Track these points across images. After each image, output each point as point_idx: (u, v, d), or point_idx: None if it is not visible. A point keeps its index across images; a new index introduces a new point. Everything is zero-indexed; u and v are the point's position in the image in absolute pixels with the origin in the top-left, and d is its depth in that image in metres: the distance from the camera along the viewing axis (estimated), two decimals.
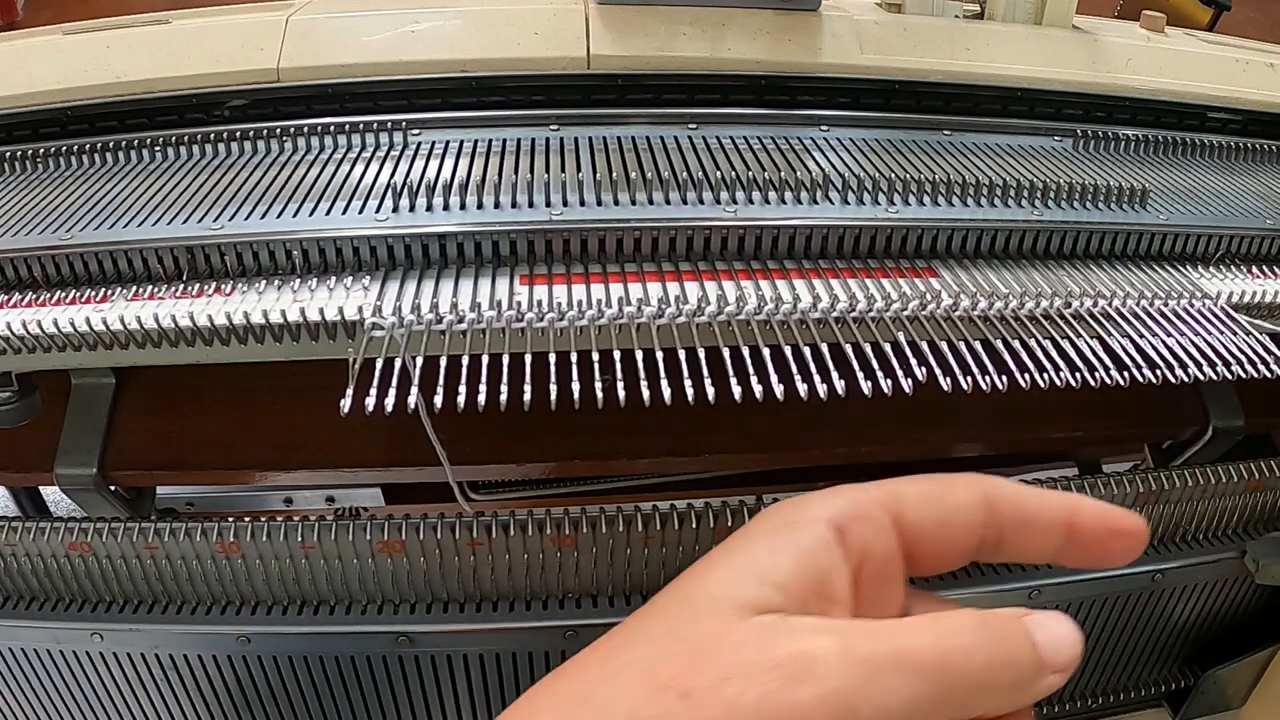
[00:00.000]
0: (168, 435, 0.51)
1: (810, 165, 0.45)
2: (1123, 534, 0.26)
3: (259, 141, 0.46)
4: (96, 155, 0.46)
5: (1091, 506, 0.26)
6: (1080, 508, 0.26)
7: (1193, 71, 0.56)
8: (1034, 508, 0.25)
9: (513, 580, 0.43)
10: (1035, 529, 0.25)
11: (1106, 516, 0.26)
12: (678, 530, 0.42)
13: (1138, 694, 0.57)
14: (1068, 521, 0.25)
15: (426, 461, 0.47)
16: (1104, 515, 0.26)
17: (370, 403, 0.32)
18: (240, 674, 0.44)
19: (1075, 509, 0.26)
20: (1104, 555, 0.26)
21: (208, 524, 0.41)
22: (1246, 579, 0.51)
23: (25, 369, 0.44)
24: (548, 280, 0.38)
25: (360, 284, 0.38)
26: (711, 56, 0.50)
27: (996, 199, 0.44)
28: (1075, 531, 0.25)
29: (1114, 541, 0.26)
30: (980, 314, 0.39)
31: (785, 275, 0.40)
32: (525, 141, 0.46)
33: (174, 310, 0.36)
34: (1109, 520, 0.26)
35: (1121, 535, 0.26)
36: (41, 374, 0.46)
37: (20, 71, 0.48)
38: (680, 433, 0.53)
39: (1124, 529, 0.26)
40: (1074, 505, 0.26)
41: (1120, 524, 0.26)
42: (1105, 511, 0.26)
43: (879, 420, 0.55)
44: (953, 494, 0.25)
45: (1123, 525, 0.26)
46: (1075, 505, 0.26)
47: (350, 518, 0.41)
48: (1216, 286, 0.43)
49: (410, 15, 0.49)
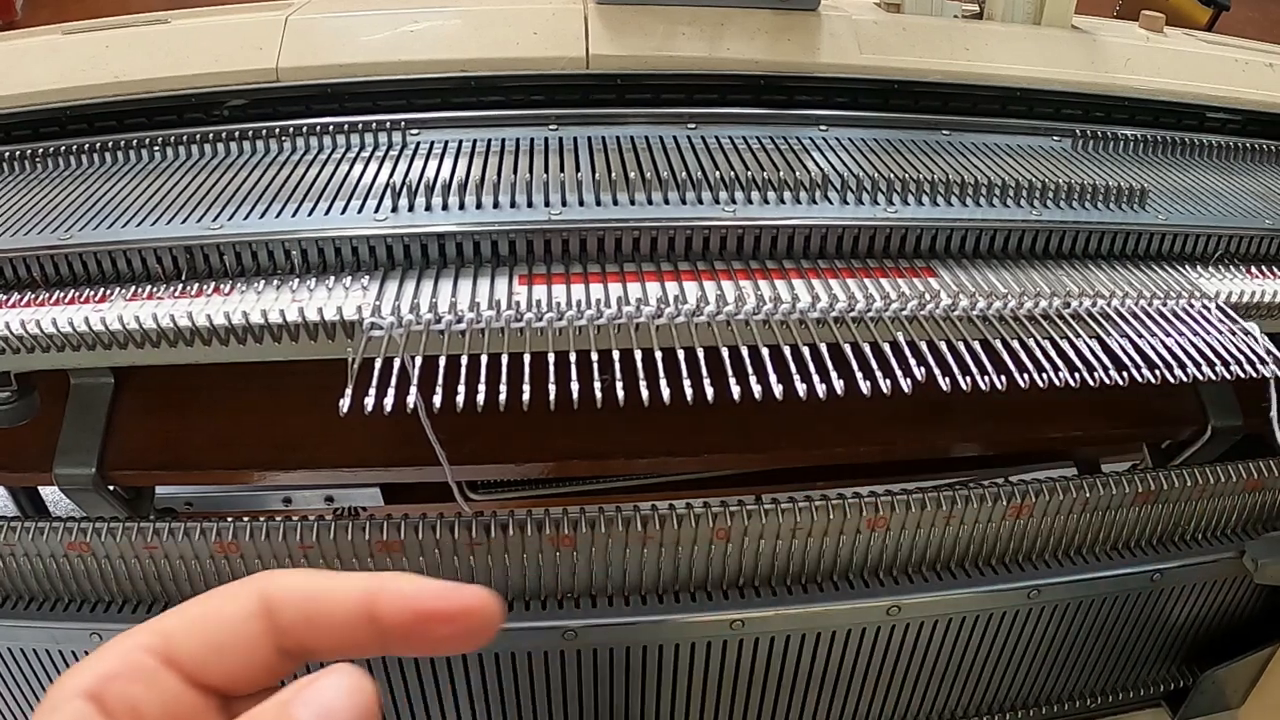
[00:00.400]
0: (167, 435, 0.51)
1: (809, 165, 0.45)
2: (441, 617, 0.21)
3: (258, 141, 0.46)
4: (95, 155, 0.46)
5: (395, 590, 0.21)
6: (380, 593, 0.21)
7: (1191, 71, 0.56)
8: (325, 602, 0.21)
9: (512, 580, 0.43)
10: (333, 626, 0.21)
11: (415, 600, 0.21)
12: (677, 530, 0.42)
13: (1136, 694, 0.57)
14: (367, 612, 0.21)
15: (425, 461, 0.47)
16: (411, 599, 0.21)
17: (369, 402, 0.32)
18: None
19: (374, 596, 0.21)
20: (435, 642, 0.21)
21: (207, 524, 0.41)
22: (1245, 579, 0.51)
23: (24, 369, 0.44)
24: (547, 280, 0.38)
25: (359, 284, 0.38)
26: (710, 56, 0.50)
27: (995, 199, 0.44)
28: (380, 623, 0.21)
29: (432, 627, 0.21)
30: (979, 314, 0.39)
31: (784, 275, 0.40)
32: (524, 141, 0.46)
33: (173, 310, 0.36)
34: (419, 604, 0.21)
35: (440, 619, 0.21)
36: (40, 374, 0.46)
37: (19, 71, 0.47)
38: (680, 433, 0.53)
39: (439, 612, 0.21)
40: (373, 591, 0.21)
41: (434, 607, 0.21)
42: (416, 593, 0.21)
43: (878, 420, 0.55)
44: (221, 612, 0.21)
45: (438, 608, 0.21)
46: (375, 591, 0.21)
47: (349, 517, 0.41)
48: (1215, 286, 0.43)
49: (409, 15, 0.49)
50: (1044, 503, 0.45)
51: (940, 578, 0.46)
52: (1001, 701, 0.54)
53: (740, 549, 0.43)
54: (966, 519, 0.45)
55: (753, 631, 0.44)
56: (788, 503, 0.43)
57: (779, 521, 0.43)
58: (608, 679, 0.46)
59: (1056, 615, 0.49)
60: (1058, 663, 0.53)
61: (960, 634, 0.48)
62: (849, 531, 0.44)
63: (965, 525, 0.45)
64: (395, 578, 0.21)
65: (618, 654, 0.45)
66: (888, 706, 0.52)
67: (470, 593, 0.21)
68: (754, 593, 0.44)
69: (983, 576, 0.46)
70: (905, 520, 0.44)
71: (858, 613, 0.45)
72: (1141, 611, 0.51)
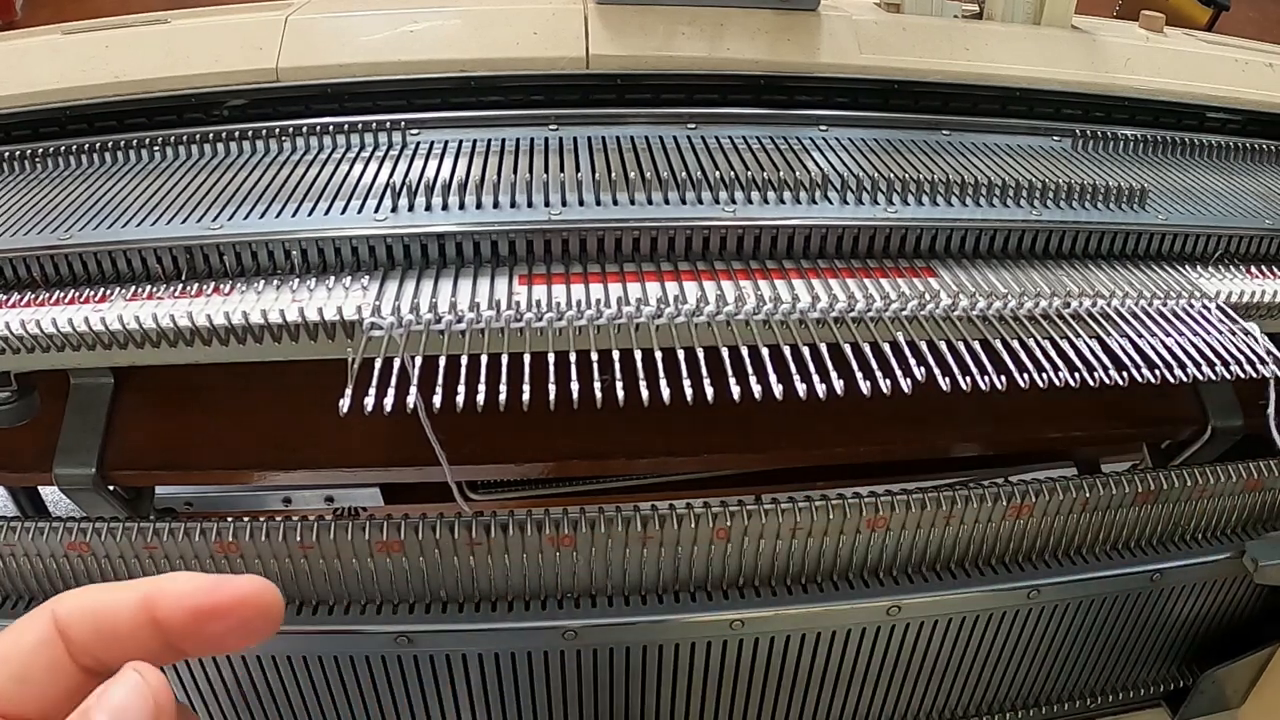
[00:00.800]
0: (167, 435, 0.51)
1: (809, 165, 0.45)
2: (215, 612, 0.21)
3: (258, 141, 0.46)
4: (95, 155, 0.46)
5: (169, 591, 0.21)
6: (156, 596, 0.21)
7: (1191, 71, 0.56)
8: (108, 613, 0.21)
9: (512, 580, 0.43)
10: (120, 636, 0.21)
11: (188, 598, 0.21)
12: (677, 530, 0.42)
13: (1136, 694, 0.57)
14: (149, 618, 0.21)
15: (425, 461, 0.47)
16: (184, 597, 0.21)
17: (369, 402, 0.32)
18: (239, 674, 0.44)
19: (151, 600, 0.21)
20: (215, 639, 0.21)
21: (207, 524, 0.41)
22: (1245, 579, 0.51)
23: (24, 369, 0.44)
24: (547, 280, 0.38)
25: (359, 284, 0.38)
26: (710, 56, 0.50)
27: (996, 199, 0.44)
28: (161, 625, 0.21)
29: (209, 624, 0.21)
30: (979, 314, 0.39)
31: (785, 275, 0.40)
32: (524, 141, 0.46)
33: (173, 310, 0.36)
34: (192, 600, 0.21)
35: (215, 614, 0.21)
36: (40, 374, 0.46)
37: (19, 71, 0.47)
38: (680, 433, 0.53)
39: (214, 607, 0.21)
40: (150, 595, 0.21)
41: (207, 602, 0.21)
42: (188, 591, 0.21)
43: (878, 420, 0.55)
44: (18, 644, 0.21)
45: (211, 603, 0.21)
46: (152, 595, 0.21)
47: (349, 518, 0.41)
48: (1215, 286, 0.43)
49: (409, 15, 0.49)
50: (1044, 503, 0.45)
51: (940, 578, 0.46)
52: (1001, 701, 0.54)
53: (740, 549, 0.43)
54: (966, 519, 0.45)
55: (753, 631, 0.44)
56: (788, 503, 0.43)
57: (779, 521, 0.43)
58: (608, 679, 0.46)
59: (1056, 615, 0.49)
60: (1058, 663, 0.53)
61: (960, 634, 0.48)
62: (849, 531, 0.44)
63: (965, 525, 0.45)
64: (171, 578, 0.21)
65: (618, 654, 0.45)
66: (888, 706, 0.52)
67: (242, 582, 0.21)
68: (754, 593, 0.44)
69: (983, 576, 0.46)
70: (905, 520, 0.44)
71: (858, 613, 0.45)
72: (1141, 611, 0.51)
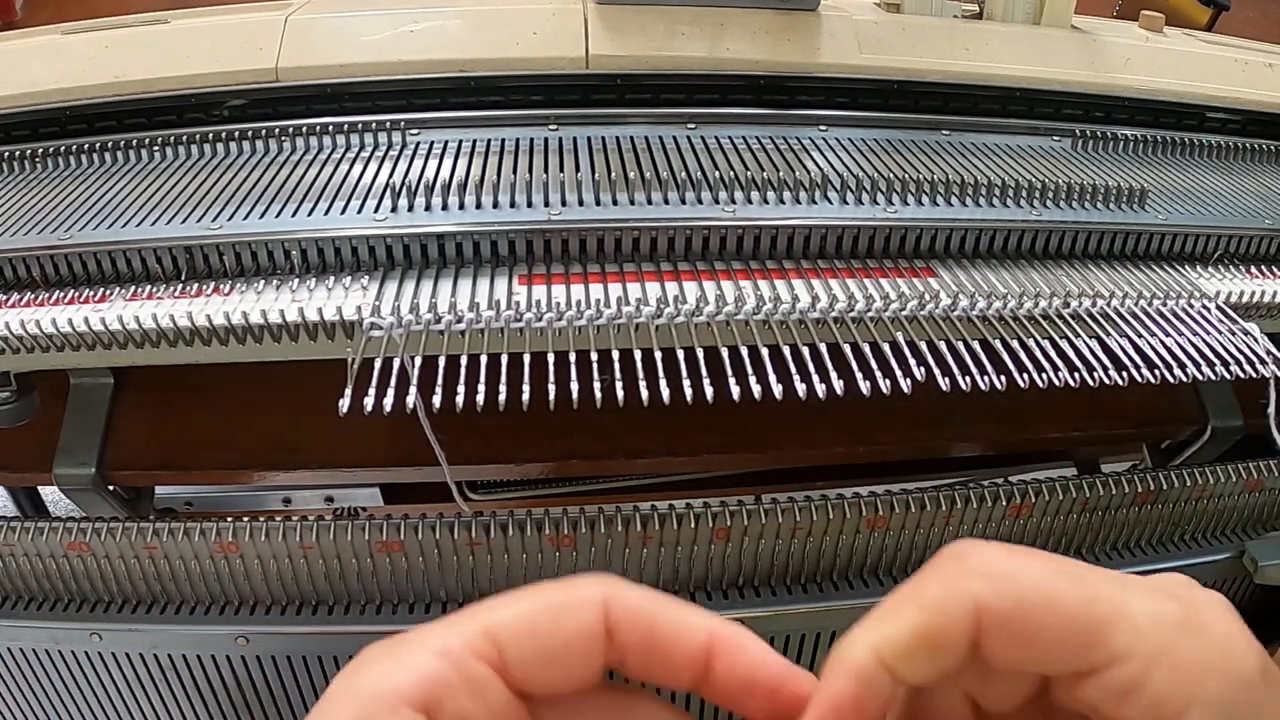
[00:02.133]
0: (166, 435, 0.51)
1: (809, 165, 0.45)
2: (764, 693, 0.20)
3: (258, 141, 0.46)
4: (95, 155, 0.46)
5: (737, 647, 0.20)
6: (724, 644, 0.20)
7: (1191, 71, 0.56)
8: (668, 634, 0.20)
9: (512, 580, 0.43)
10: (668, 660, 0.20)
11: (752, 666, 0.20)
12: (676, 530, 0.42)
13: None
14: (704, 658, 0.20)
15: (425, 461, 0.47)
16: (749, 664, 0.20)
17: (369, 403, 0.32)
18: (239, 674, 0.44)
19: (717, 643, 0.20)
20: (742, 708, 0.20)
21: (207, 524, 0.41)
22: (1246, 579, 0.51)
23: (24, 369, 0.44)
24: (546, 280, 0.38)
25: (359, 284, 0.38)
26: (710, 56, 0.50)
27: (995, 199, 0.44)
28: (711, 673, 0.20)
29: (750, 700, 0.20)
30: (979, 314, 0.39)
31: (784, 275, 0.40)
32: (524, 141, 0.46)
33: (173, 310, 0.36)
34: (753, 672, 0.20)
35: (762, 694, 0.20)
36: (40, 374, 0.46)
37: (19, 71, 0.47)
38: (679, 432, 0.53)
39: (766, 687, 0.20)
40: (718, 639, 0.20)
41: (764, 682, 0.20)
42: (753, 659, 0.20)
43: (878, 420, 0.55)
44: (560, 626, 0.20)
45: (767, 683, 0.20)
46: (719, 639, 0.20)
47: (349, 518, 0.41)
48: (1215, 286, 0.43)
49: (409, 15, 0.49)
50: (1044, 503, 0.45)
51: None
52: None
53: (740, 549, 0.43)
54: (966, 519, 0.45)
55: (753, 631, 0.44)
56: (788, 503, 0.43)
57: (779, 521, 0.43)
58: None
59: None
60: None
61: None
62: (849, 531, 0.44)
63: (965, 525, 0.45)
64: (742, 634, 0.20)
65: None
66: None
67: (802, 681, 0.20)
68: (754, 593, 0.44)
69: None
70: (905, 520, 0.44)
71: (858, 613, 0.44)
72: None
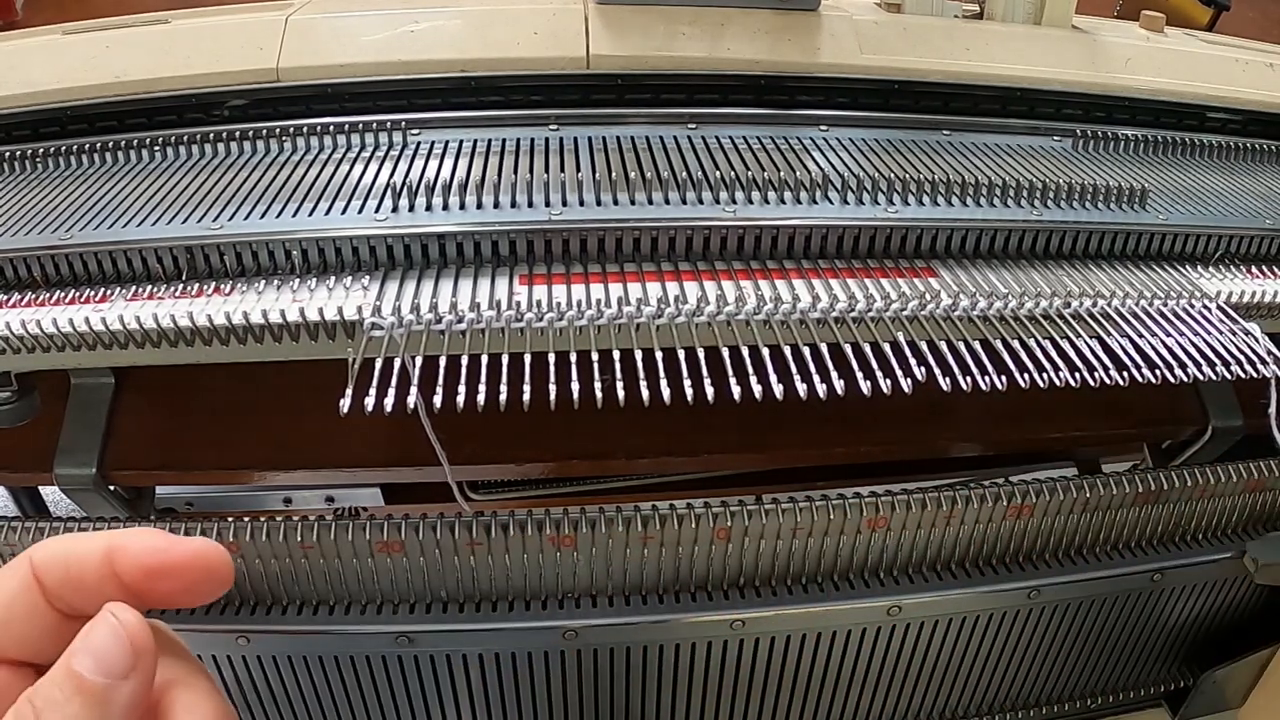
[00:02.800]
0: (167, 435, 0.51)
1: (810, 165, 0.45)
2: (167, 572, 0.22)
3: (258, 141, 0.46)
4: (96, 155, 0.46)
5: (128, 546, 0.22)
6: (116, 551, 0.22)
7: (1192, 71, 0.56)
8: (77, 562, 0.22)
9: (512, 580, 0.43)
10: (88, 584, 0.22)
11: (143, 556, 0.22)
12: (677, 530, 0.42)
13: (1137, 694, 0.57)
14: (111, 569, 0.22)
15: (426, 461, 0.47)
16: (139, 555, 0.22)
17: (370, 403, 0.32)
18: (240, 674, 0.44)
19: (112, 552, 0.22)
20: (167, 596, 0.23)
21: (207, 524, 0.41)
22: (1246, 579, 0.51)
23: (25, 369, 0.44)
24: (547, 280, 0.38)
25: (360, 284, 0.38)
26: (710, 56, 0.50)
27: (996, 199, 0.44)
28: (120, 578, 0.22)
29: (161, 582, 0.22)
30: (980, 314, 0.39)
31: (785, 275, 0.40)
32: (525, 141, 0.46)
33: (173, 310, 0.36)
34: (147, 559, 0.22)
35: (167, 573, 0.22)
36: (40, 374, 0.46)
37: (19, 71, 0.48)
38: (680, 432, 0.53)
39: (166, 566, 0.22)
40: (112, 548, 0.22)
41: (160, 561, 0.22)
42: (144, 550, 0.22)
43: (878, 420, 0.55)
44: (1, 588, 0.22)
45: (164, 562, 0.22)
46: (113, 549, 0.22)
47: (350, 518, 0.41)
48: (1216, 286, 0.43)
49: (410, 15, 0.49)
50: (1044, 503, 0.45)
51: (940, 578, 0.46)
52: (1002, 701, 0.54)
53: (740, 549, 0.43)
54: (966, 519, 0.45)
55: (753, 632, 0.44)
56: (788, 503, 0.43)
57: (779, 521, 0.43)
58: (608, 679, 0.46)
59: (1056, 615, 0.49)
60: (1058, 663, 0.53)
61: (960, 634, 0.48)
62: (849, 531, 0.44)
63: (965, 525, 0.45)
64: (134, 534, 0.23)
65: (618, 654, 0.45)
66: (888, 706, 0.52)
67: (194, 544, 0.23)
68: (754, 593, 0.44)
69: (983, 576, 0.46)
70: (905, 520, 0.44)
71: (858, 613, 0.45)
72: (1142, 611, 0.51)
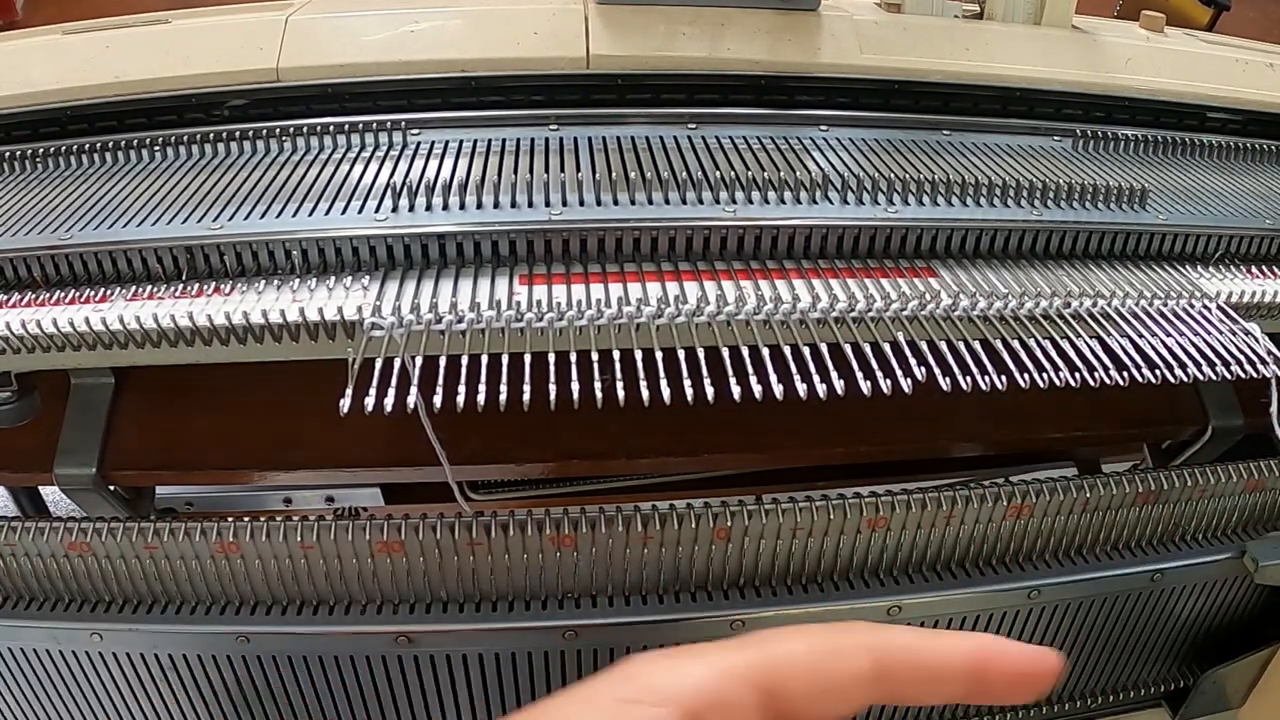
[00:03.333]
0: (167, 435, 0.51)
1: (810, 165, 0.45)
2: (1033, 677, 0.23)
3: (259, 141, 0.46)
4: (96, 155, 0.46)
5: (1000, 656, 0.23)
6: (989, 659, 0.23)
7: (1192, 71, 0.56)
8: (931, 664, 0.23)
9: (512, 580, 0.43)
10: (934, 684, 0.23)
11: (1018, 663, 0.23)
12: (677, 530, 0.42)
13: (1137, 694, 0.57)
14: (974, 672, 0.23)
15: (426, 461, 0.47)
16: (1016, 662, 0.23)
17: (370, 403, 0.32)
18: (240, 674, 0.44)
19: (983, 660, 0.23)
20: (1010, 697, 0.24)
21: (207, 524, 0.41)
22: (1246, 579, 0.51)
23: (25, 369, 0.44)
24: (547, 280, 0.38)
25: (360, 284, 0.38)
26: (711, 56, 0.50)
27: (996, 199, 0.44)
28: (983, 681, 0.23)
29: (1023, 686, 0.23)
30: (979, 314, 0.39)
31: (785, 275, 0.40)
32: (525, 141, 0.46)
33: (173, 310, 0.36)
34: (1021, 665, 0.23)
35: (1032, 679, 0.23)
36: (40, 374, 0.46)
37: (19, 71, 0.47)
38: (679, 433, 0.53)
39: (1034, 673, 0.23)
40: (981, 655, 0.23)
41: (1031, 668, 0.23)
42: (1016, 657, 0.23)
43: (878, 420, 0.55)
44: (834, 670, 0.22)
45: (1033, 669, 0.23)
46: (982, 655, 0.23)
47: (350, 518, 0.41)
48: (1216, 286, 0.43)
49: (410, 15, 0.49)
50: (1044, 503, 0.45)
51: (940, 578, 0.46)
52: None
53: (740, 549, 0.43)
54: (966, 519, 0.45)
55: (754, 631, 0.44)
56: (788, 503, 0.43)
57: (779, 521, 0.43)
58: None
59: (1057, 615, 0.49)
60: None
61: None
62: (849, 531, 0.44)
63: (965, 525, 0.45)
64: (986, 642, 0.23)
65: (618, 654, 0.45)
66: (888, 706, 0.52)
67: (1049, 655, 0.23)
68: (754, 593, 0.44)
69: (983, 576, 0.46)
70: (905, 520, 0.44)
71: (858, 613, 0.45)
72: (1142, 611, 0.51)
